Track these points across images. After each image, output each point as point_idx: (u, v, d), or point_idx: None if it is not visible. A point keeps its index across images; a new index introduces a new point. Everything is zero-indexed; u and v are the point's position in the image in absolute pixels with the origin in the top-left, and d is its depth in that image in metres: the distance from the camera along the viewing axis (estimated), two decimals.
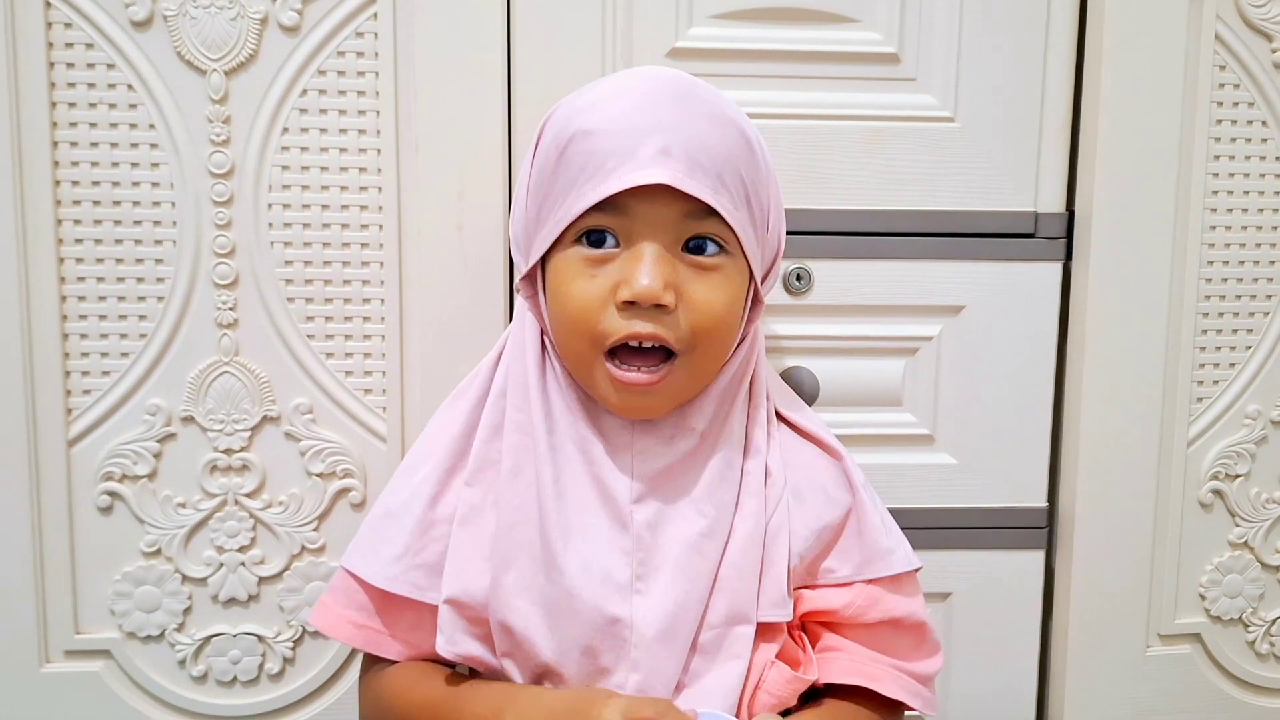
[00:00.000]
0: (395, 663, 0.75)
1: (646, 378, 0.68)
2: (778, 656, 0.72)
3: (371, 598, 0.74)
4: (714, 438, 0.72)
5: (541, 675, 0.70)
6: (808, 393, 0.93)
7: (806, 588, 0.74)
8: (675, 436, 0.71)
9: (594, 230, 0.67)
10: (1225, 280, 1.00)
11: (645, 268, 0.65)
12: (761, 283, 0.73)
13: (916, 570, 0.76)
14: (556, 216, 0.67)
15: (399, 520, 0.74)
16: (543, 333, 0.73)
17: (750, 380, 0.75)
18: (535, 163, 0.70)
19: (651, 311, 0.66)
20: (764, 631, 0.71)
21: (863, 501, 0.75)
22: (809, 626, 0.76)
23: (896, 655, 0.75)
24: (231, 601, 0.95)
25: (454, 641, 0.71)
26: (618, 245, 0.67)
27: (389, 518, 0.75)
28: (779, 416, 0.77)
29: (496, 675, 0.73)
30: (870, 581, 0.74)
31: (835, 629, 0.75)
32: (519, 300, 0.75)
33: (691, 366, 0.69)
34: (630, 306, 0.66)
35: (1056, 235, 0.97)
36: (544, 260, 0.70)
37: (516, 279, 0.74)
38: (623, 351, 0.68)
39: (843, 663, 0.73)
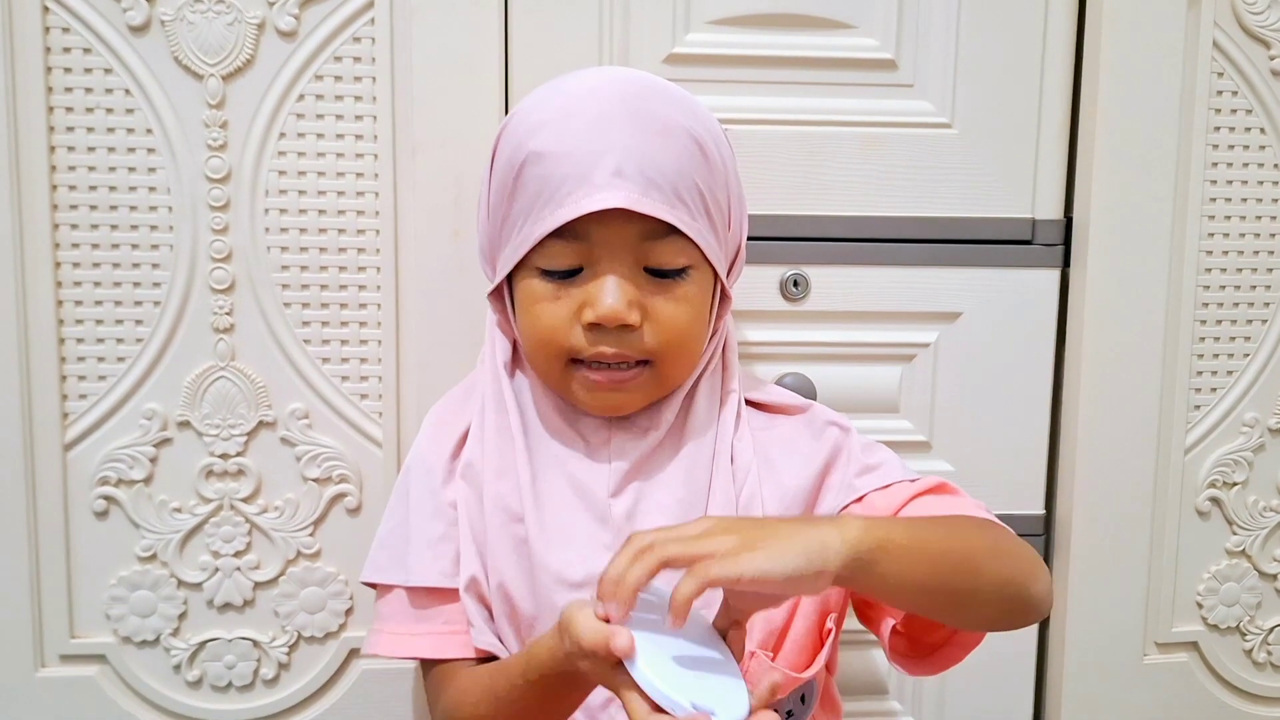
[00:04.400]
0: (455, 662, 0.74)
1: (617, 375, 0.69)
2: (783, 643, 0.71)
3: (416, 600, 0.74)
4: (685, 426, 0.73)
5: None
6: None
7: None
8: (650, 429, 0.72)
9: (554, 258, 0.67)
10: (1223, 287, 0.99)
11: (608, 290, 0.66)
12: (727, 277, 0.73)
13: (913, 480, 0.73)
14: (516, 240, 0.68)
15: (414, 516, 0.75)
16: (514, 341, 0.74)
17: (721, 366, 0.76)
18: (493, 177, 0.70)
19: (617, 331, 0.67)
20: None
21: (843, 430, 0.75)
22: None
23: (939, 508, 0.71)
24: (227, 606, 0.95)
25: (482, 630, 0.71)
26: (580, 268, 0.67)
27: (404, 518, 0.75)
28: (747, 402, 0.77)
29: None
30: (860, 501, 0.72)
31: None
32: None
33: (659, 373, 0.70)
34: (596, 327, 0.67)
35: (1054, 242, 0.97)
36: (510, 277, 0.71)
37: (486, 291, 0.74)
38: (593, 361, 0.69)
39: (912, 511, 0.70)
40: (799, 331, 0.96)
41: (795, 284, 0.95)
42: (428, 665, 0.76)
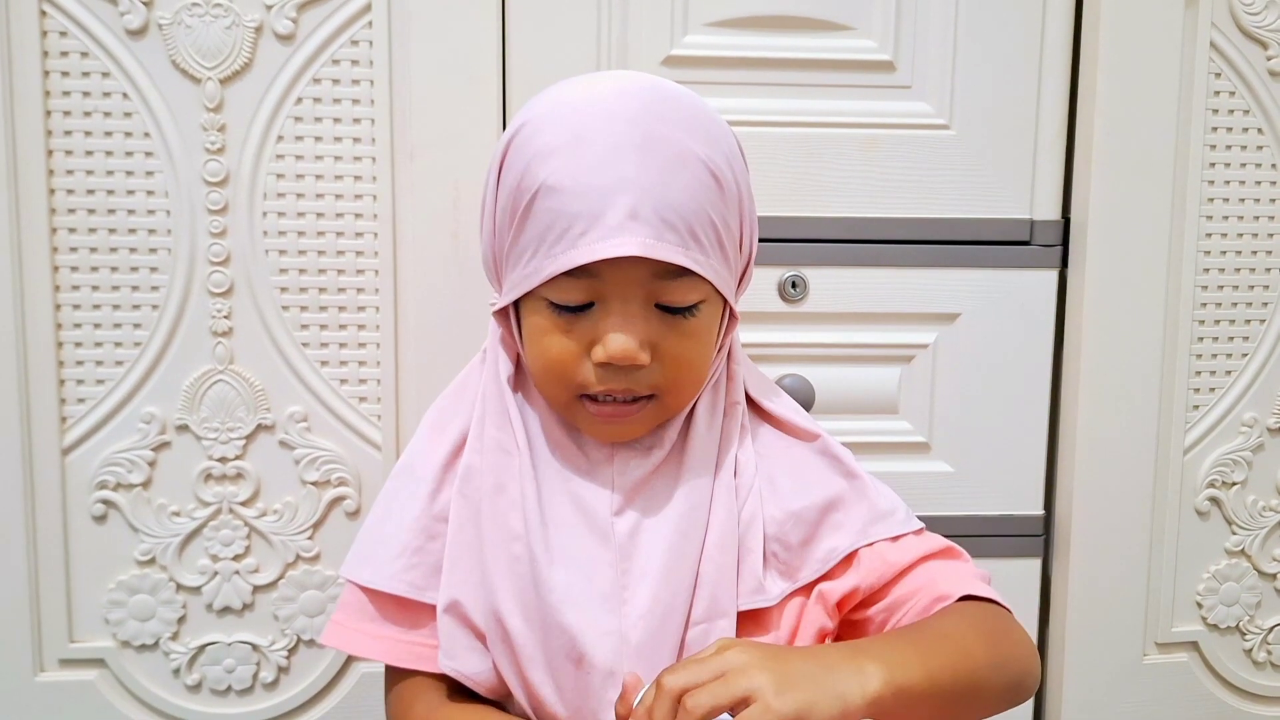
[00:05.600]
0: (422, 681, 0.73)
1: (622, 409, 0.68)
2: None
3: (378, 604, 0.74)
4: (687, 442, 0.72)
5: (534, 697, 0.70)
6: (803, 401, 0.93)
7: (827, 579, 0.73)
8: (653, 447, 0.71)
9: (565, 293, 0.66)
10: (1221, 287, 1.00)
11: (620, 330, 0.65)
12: (735, 297, 0.72)
13: (919, 531, 0.74)
14: (524, 270, 0.66)
15: (394, 519, 0.74)
16: (517, 354, 0.73)
17: (725, 377, 0.75)
18: (499, 194, 0.68)
19: (626, 368, 0.66)
20: (751, 624, 0.71)
21: (853, 472, 0.74)
22: (860, 625, 0.73)
23: (944, 577, 0.71)
24: (226, 610, 0.95)
25: (453, 656, 0.70)
26: (590, 303, 0.67)
27: (385, 519, 0.74)
28: (753, 404, 0.76)
29: (498, 694, 0.72)
30: (872, 547, 0.72)
31: (877, 601, 0.73)
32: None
33: (664, 404, 0.70)
34: (606, 365, 0.66)
35: (1052, 243, 0.97)
36: (517, 300, 0.70)
37: (490, 302, 0.73)
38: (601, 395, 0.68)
39: (918, 605, 0.70)
40: (797, 333, 0.96)
41: (794, 285, 0.95)
42: (391, 676, 0.75)
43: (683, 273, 0.66)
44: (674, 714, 0.57)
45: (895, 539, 0.72)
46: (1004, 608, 0.71)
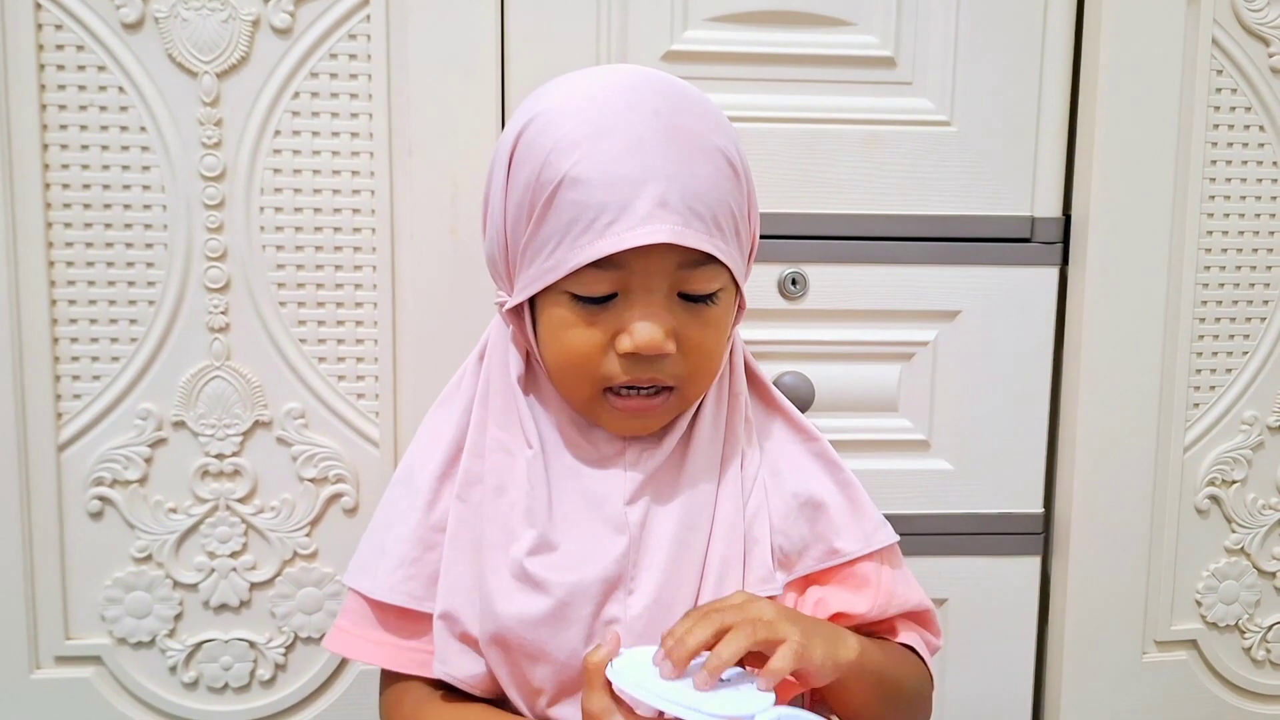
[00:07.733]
0: (414, 683, 0.74)
1: (647, 403, 0.69)
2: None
3: (379, 613, 0.74)
4: (695, 432, 0.72)
5: (535, 693, 0.70)
6: (803, 398, 0.93)
7: (817, 583, 0.74)
8: (664, 438, 0.72)
9: (589, 284, 0.66)
10: (1222, 285, 0.99)
11: (647, 320, 0.65)
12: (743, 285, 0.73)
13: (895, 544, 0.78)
14: (544, 264, 0.66)
15: (394, 530, 0.73)
16: (528, 352, 0.73)
17: (728, 369, 0.75)
18: (510, 190, 0.67)
19: (652, 358, 0.66)
20: None
21: (850, 480, 0.75)
22: None
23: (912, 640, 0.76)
24: (223, 607, 0.94)
25: (446, 660, 0.70)
26: (613, 295, 0.67)
27: (385, 528, 0.74)
28: (764, 393, 0.77)
29: (492, 695, 0.72)
30: (872, 558, 0.74)
31: (864, 633, 0.74)
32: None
33: (684, 395, 0.70)
34: (632, 355, 0.66)
35: (1053, 240, 0.97)
36: (532, 297, 0.69)
37: (496, 301, 0.73)
38: (625, 387, 0.68)
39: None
40: (797, 330, 0.95)
41: (794, 282, 0.94)
42: (386, 679, 0.76)
43: (705, 261, 0.66)
44: (711, 640, 0.61)
45: (893, 555, 0.75)
46: (931, 679, 0.77)
